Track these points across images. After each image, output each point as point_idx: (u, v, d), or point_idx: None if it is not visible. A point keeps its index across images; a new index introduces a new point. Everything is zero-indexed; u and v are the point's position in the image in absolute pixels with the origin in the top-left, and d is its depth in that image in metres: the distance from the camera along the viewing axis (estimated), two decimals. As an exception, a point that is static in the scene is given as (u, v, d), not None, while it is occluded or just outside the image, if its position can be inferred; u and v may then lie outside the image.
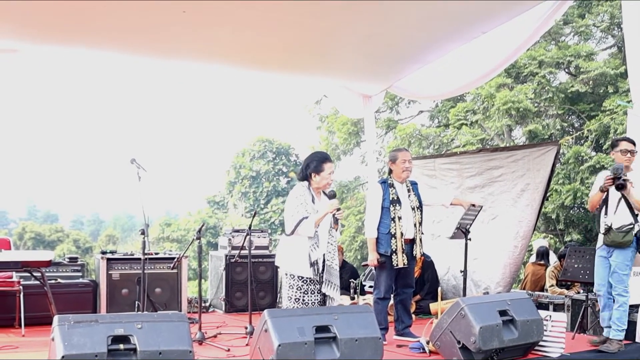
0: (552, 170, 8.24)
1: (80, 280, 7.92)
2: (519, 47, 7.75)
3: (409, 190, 6.63)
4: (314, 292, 5.67)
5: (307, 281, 5.62)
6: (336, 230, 5.81)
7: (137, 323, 4.31)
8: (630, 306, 7.27)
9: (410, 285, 6.78)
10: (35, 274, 6.76)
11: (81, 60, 8.31)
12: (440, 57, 8.45)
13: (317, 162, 5.70)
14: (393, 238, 6.41)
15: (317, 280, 5.64)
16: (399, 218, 6.44)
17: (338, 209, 5.63)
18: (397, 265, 6.41)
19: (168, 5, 6.63)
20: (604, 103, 15.50)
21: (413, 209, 6.57)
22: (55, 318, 4.20)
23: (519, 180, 8.46)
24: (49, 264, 6.74)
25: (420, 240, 6.61)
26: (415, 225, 6.55)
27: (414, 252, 6.57)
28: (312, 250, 5.55)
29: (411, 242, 6.54)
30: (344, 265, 9.07)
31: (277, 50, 8.14)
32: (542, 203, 8.47)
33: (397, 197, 6.51)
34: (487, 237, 8.65)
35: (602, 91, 16.11)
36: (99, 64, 8.44)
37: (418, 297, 8.48)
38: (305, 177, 5.75)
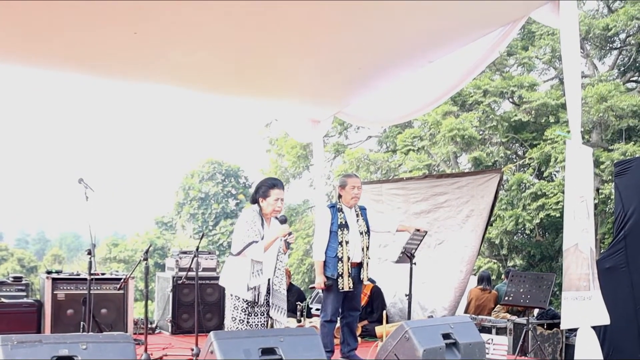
0: (496, 197, 8.46)
1: (25, 300, 7.78)
2: (464, 77, 7.95)
3: (357, 215, 6.74)
4: (258, 314, 5.74)
5: (251, 303, 5.69)
6: (285, 253, 5.89)
7: (82, 344, 4.25)
8: (568, 330, 7.51)
9: (357, 309, 6.86)
10: (-23, 293, 6.64)
11: (28, 78, 8.22)
12: (388, 84, 8.62)
13: (265, 188, 5.79)
14: (340, 262, 6.49)
15: (261, 303, 5.71)
16: (347, 242, 6.53)
17: (289, 234, 5.71)
18: (342, 288, 6.49)
19: (119, 27, 6.65)
20: (545, 132, 15.98)
21: (361, 233, 6.66)
22: (-2, 338, 4.15)
23: (463, 206, 8.66)
24: (-8, 283, 6.64)
25: (367, 264, 6.70)
26: (362, 249, 6.64)
27: (361, 276, 6.66)
28: (256, 276, 5.62)
29: (358, 266, 6.63)
30: (290, 288, 9.10)
31: (227, 73, 8.18)
32: (486, 229, 8.67)
33: (345, 222, 6.61)
34: (434, 262, 8.81)
35: (543, 121, 16.61)
36: (47, 82, 8.36)
37: (365, 322, 8.57)
38: (255, 200, 5.85)
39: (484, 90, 16.83)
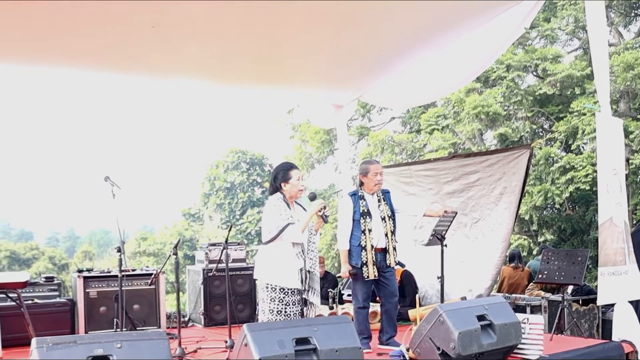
0: (527, 173, 8.35)
1: (57, 299, 7.81)
2: (490, 55, 7.85)
3: (379, 201, 6.60)
4: (295, 303, 5.71)
5: (288, 292, 5.66)
6: (317, 233, 5.92)
7: (116, 342, 4.26)
8: (605, 305, 7.39)
9: (394, 294, 6.67)
10: (11, 295, 6.66)
11: (53, 78, 8.23)
12: (409, 65, 8.51)
13: (283, 172, 5.81)
14: (363, 250, 6.40)
15: (297, 291, 5.68)
16: (369, 230, 6.43)
17: (324, 207, 5.75)
18: (367, 277, 6.41)
19: (137, 21, 6.63)
20: (571, 104, 15.73)
21: (383, 219, 6.53)
22: (33, 341, 4.14)
23: (496, 184, 8.56)
24: (24, 285, 6.66)
25: (394, 248, 6.59)
26: (386, 234, 6.51)
27: (388, 261, 6.55)
28: (299, 257, 5.63)
29: (383, 251, 6.53)
30: (326, 275, 9.08)
31: (248, 62, 8.14)
32: (519, 206, 8.57)
33: (368, 210, 6.50)
34: (471, 241, 8.75)
35: (569, 93, 16.34)
36: (70, 81, 8.37)
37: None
38: (276, 189, 5.84)
39: (507, 65, 16.59)
